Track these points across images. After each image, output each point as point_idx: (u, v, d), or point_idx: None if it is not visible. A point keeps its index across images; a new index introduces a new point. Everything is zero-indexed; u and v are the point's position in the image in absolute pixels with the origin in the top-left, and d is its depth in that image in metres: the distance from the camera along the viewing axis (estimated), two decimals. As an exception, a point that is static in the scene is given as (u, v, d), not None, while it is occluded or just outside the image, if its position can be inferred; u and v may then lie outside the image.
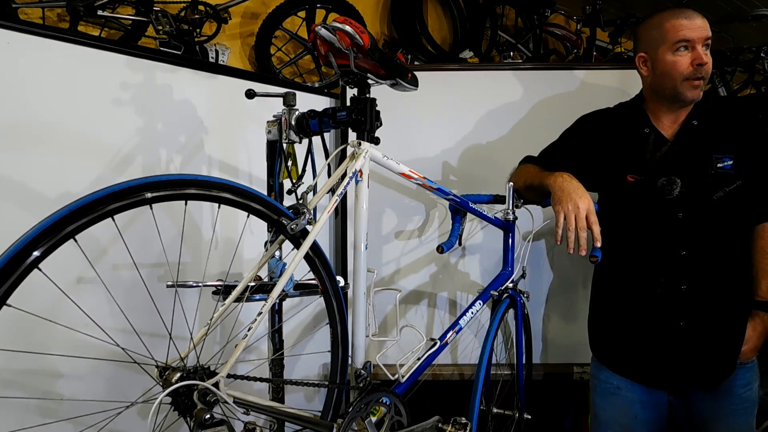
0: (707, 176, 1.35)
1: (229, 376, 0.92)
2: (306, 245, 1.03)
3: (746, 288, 1.40)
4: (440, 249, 1.50)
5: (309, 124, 1.24)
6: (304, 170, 1.30)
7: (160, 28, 2.05)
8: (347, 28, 1.07)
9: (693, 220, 1.35)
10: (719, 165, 1.35)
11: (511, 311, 1.60)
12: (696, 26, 1.33)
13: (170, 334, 0.94)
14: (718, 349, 1.37)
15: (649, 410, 1.44)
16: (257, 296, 1.20)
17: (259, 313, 0.95)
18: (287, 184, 1.32)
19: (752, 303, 1.40)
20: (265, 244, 1.26)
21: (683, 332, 1.37)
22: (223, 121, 1.68)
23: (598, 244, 1.24)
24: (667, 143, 1.40)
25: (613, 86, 1.96)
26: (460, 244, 1.62)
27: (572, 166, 1.42)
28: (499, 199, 1.61)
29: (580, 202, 1.24)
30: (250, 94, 1.34)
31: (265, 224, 1.08)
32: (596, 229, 1.23)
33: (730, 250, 1.38)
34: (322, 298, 1.15)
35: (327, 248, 2.03)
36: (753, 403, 1.41)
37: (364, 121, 1.17)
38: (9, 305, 0.72)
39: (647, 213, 1.40)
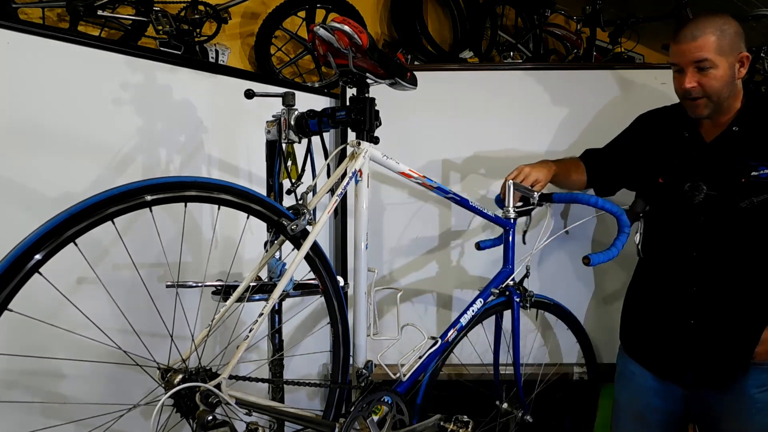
0: (737, 184, 1.34)
1: (230, 377, 0.92)
2: (306, 246, 1.03)
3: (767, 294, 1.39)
4: (478, 246, 1.47)
5: (308, 124, 1.24)
6: (303, 170, 1.30)
7: (160, 28, 2.05)
8: (345, 27, 1.06)
9: (712, 226, 1.37)
10: (753, 173, 1.32)
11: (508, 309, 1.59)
12: (682, 51, 1.33)
13: (171, 336, 0.94)
14: (726, 349, 1.39)
15: (661, 399, 1.49)
16: (257, 296, 1.20)
17: (260, 314, 0.95)
18: (287, 183, 1.32)
19: None
20: (265, 244, 1.26)
21: (693, 330, 1.41)
22: (223, 121, 1.68)
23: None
24: (704, 148, 1.41)
25: (613, 86, 1.96)
26: (524, 242, 1.60)
27: (616, 162, 1.53)
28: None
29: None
30: (249, 94, 1.34)
31: (265, 224, 1.08)
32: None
33: (751, 257, 1.37)
34: (322, 297, 1.15)
35: (327, 248, 2.03)
36: None
37: (364, 120, 1.17)
38: (10, 310, 0.72)
39: (672, 215, 1.44)
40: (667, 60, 1.43)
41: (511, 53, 2.98)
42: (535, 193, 1.54)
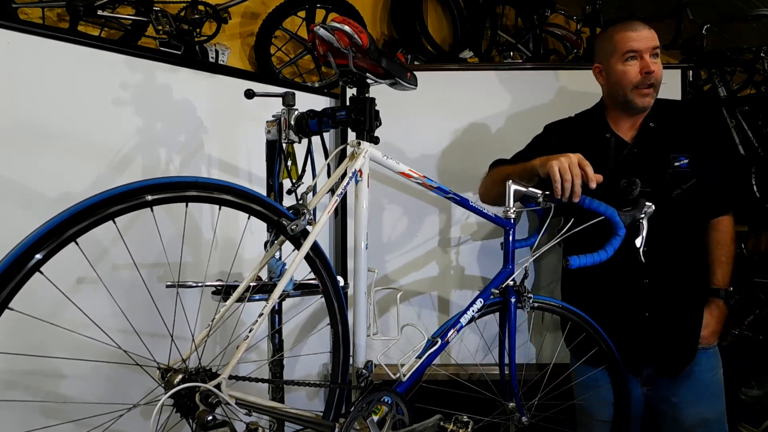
0: (665, 175, 1.44)
1: (230, 377, 0.92)
2: (306, 246, 1.03)
3: (703, 278, 1.52)
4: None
5: (308, 124, 1.24)
6: (303, 170, 1.30)
7: (160, 28, 2.05)
8: (346, 27, 1.06)
9: (653, 218, 1.40)
10: (676, 164, 1.44)
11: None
12: (643, 37, 1.43)
13: (172, 336, 0.94)
14: (679, 336, 1.47)
15: None
16: (257, 296, 1.20)
17: (260, 315, 0.95)
18: (287, 184, 1.32)
19: (708, 291, 1.51)
20: (265, 244, 1.26)
21: (648, 322, 1.47)
22: (223, 121, 1.68)
23: (593, 185, 1.25)
24: (627, 146, 1.49)
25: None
26: (560, 245, 1.56)
27: None
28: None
29: (571, 155, 1.27)
30: (250, 94, 1.34)
31: (265, 224, 1.08)
32: (590, 170, 1.25)
33: (689, 243, 1.48)
34: (322, 297, 1.15)
35: (327, 248, 2.03)
36: (720, 387, 1.51)
37: (364, 120, 1.16)
38: (11, 309, 0.72)
39: None
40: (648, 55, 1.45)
41: (511, 53, 2.98)
42: (539, 193, 1.52)
